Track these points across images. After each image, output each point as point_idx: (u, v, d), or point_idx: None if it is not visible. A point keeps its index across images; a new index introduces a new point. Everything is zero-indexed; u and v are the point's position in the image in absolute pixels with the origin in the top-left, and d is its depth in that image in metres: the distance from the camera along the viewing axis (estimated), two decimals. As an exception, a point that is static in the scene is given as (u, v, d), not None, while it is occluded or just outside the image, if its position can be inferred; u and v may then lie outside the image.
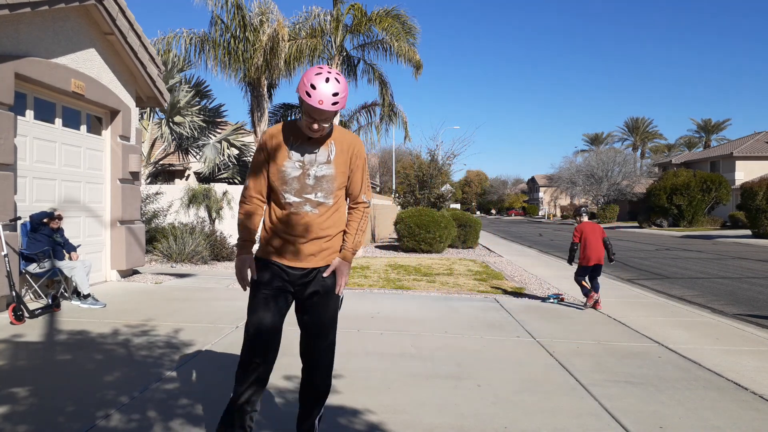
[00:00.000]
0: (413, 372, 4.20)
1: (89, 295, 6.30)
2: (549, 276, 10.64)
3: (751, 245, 21.38)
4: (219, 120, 17.65)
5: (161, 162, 18.04)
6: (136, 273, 9.01)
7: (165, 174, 20.72)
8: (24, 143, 6.47)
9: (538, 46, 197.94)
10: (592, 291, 7.05)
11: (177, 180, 22.37)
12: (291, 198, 2.47)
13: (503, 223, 52.16)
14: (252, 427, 2.52)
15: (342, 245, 2.59)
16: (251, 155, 17.93)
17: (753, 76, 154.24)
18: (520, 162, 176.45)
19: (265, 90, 16.90)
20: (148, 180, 16.06)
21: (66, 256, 6.47)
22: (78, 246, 6.80)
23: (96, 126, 8.07)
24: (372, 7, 18.70)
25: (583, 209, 7.39)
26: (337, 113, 2.45)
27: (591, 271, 7.10)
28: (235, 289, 7.69)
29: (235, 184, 16.85)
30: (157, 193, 12.97)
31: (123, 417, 3.17)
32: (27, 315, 5.51)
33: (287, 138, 2.50)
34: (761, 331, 6.17)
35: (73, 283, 6.37)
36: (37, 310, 5.71)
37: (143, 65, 8.50)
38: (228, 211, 13.67)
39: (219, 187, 13.87)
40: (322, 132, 2.42)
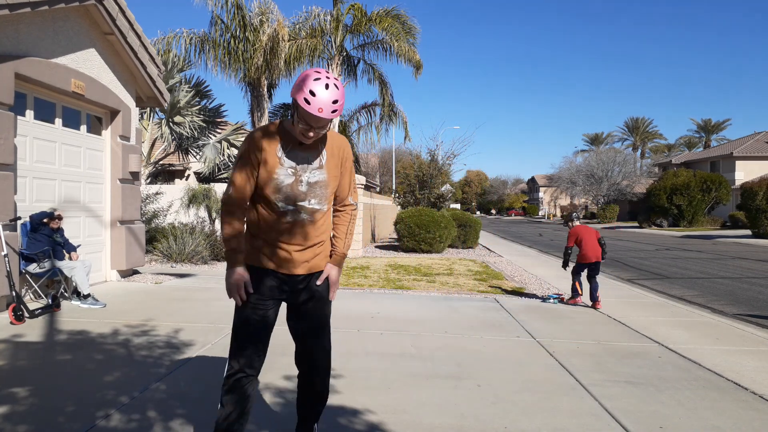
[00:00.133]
0: (413, 372, 4.20)
1: (89, 295, 6.30)
2: (549, 276, 10.64)
3: (751, 245, 21.38)
4: (219, 120, 17.63)
5: (161, 162, 18.02)
6: (136, 273, 9.02)
7: (165, 174, 20.71)
8: (24, 143, 6.47)
9: (537, 46, 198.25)
10: (579, 297, 7.36)
11: (177, 180, 22.36)
12: (285, 206, 2.37)
13: (503, 223, 52.16)
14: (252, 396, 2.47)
15: (332, 250, 2.55)
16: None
17: (753, 76, 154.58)
18: (520, 162, 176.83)
19: (265, 90, 16.92)
20: (148, 180, 16.05)
21: (66, 256, 6.47)
22: (78, 246, 6.80)
23: (96, 126, 8.07)
24: (372, 7, 18.75)
25: (575, 214, 7.77)
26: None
27: (590, 270, 7.29)
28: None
29: (235, 184, 16.79)
30: (157, 193, 12.98)
31: (123, 417, 3.18)
32: (27, 315, 5.52)
33: (279, 142, 2.37)
34: (761, 331, 6.17)
35: (73, 283, 6.37)
36: (37, 310, 5.71)
37: (143, 65, 8.51)
38: (228, 212, 13.62)
39: (219, 187, 13.86)
40: (316, 138, 2.33)
